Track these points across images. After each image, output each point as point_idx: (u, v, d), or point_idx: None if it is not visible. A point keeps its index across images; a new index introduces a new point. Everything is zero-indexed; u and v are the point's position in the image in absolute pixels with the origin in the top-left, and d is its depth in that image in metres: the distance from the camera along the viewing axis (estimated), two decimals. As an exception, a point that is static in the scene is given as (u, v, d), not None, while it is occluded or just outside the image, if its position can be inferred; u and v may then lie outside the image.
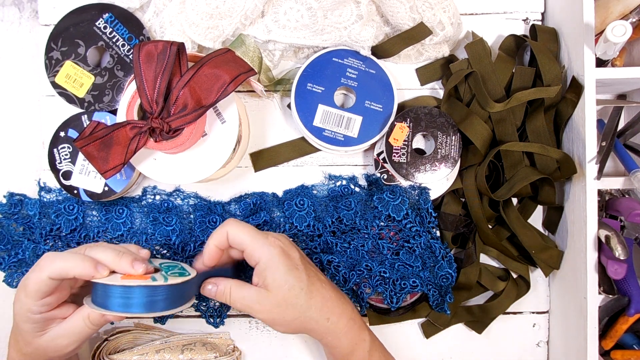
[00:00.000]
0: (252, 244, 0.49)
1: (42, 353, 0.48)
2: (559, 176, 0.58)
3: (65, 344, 0.48)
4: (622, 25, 0.50)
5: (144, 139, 0.50)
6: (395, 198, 0.59)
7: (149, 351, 0.60)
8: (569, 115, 0.57)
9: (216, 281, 0.51)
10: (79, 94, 0.58)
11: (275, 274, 0.49)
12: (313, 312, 0.50)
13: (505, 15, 0.63)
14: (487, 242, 0.61)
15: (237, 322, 0.64)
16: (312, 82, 0.59)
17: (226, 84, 0.49)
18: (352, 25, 0.58)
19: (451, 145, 0.58)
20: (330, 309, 0.50)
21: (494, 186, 0.61)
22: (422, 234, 0.59)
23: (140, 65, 0.49)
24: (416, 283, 0.59)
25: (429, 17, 0.58)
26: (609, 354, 0.59)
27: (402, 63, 0.63)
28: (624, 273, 0.54)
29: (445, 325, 0.62)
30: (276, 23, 0.57)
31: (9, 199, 0.62)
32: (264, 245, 0.49)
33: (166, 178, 0.54)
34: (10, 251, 0.61)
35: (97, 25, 0.58)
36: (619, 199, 0.59)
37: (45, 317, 0.47)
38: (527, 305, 0.64)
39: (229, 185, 0.63)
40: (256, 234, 0.50)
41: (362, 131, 0.59)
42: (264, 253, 0.49)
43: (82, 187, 0.58)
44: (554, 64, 0.57)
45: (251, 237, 0.49)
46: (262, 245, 0.49)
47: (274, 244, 0.50)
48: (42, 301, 0.46)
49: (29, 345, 0.48)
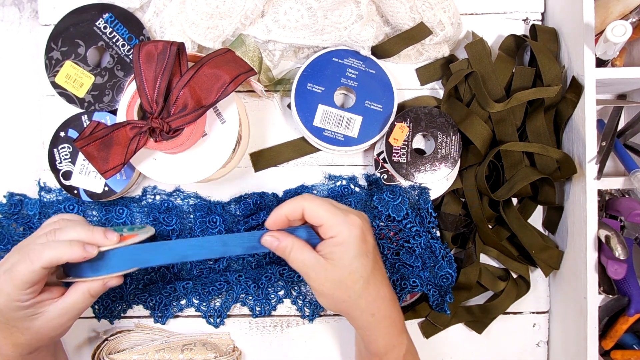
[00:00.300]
0: (331, 219, 0.48)
1: (40, 337, 0.49)
2: (559, 176, 0.58)
3: (65, 321, 0.49)
4: (622, 25, 0.50)
5: (144, 139, 0.50)
6: (395, 198, 0.59)
7: (148, 351, 0.60)
8: (569, 115, 0.57)
9: (279, 235, 0.50)
10: (79, 94, 0.58)
11: (345, 252, 0.48)
12: (362, 303, 0.49)
13: (505, 15, 0.63)
14: (487, 242, 0.61)
15: (237, 322, 0.64)
16: (312, 82, 0.59)
17: (226, 84, 0.49)
18: (352, 25, 0.58)
19: (451, 145, 0.58)
20: (379, 306, 0.50)
21: (494, 186, 0.61)
22: (422, 234, 0.59)
23: (140, 65, 0.49)
24: (416, 283, 0.59)
25: (429, 17, 0.58)
26: (609, 354, 0.59)
27: (402, 63, 0.63)
28: (624, 273, 0.54)
29: (445, 325, 0.62)
30: (276, 23, 0.57)
31: (9, 199, 0.62)
32: (344, 222, 0.48)
33: (166, 178, 0.54)
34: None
35: (97, 25, 0.58)
36: (619, 199, 0.59)
37: (35, 301, 0.48)
38: (527, 305, 0.64)
39: (229, 185, 0.63)
40: (335, 210, 0.49)
41: (362, 131, 0.59)
42: (344, 230, 0.48)
43: (82, 187, 0.58)
44: (554, 64, 0.57)
45: (331, 213, 0.48)
46: (342, 222, 0.48)
47: (355, 223, 0.48)
48: (31, 289, 0.47)
49: (26, 332, 0.48)
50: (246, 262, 0.62)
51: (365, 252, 0.48)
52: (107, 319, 0.62)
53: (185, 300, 0.62)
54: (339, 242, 0.48)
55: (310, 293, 0.63)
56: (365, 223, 0.50)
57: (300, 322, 0.64)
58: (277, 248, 0.49)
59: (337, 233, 0.48)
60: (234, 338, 0.64)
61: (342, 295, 0.49)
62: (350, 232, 0.48)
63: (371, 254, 0.49)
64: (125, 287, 0.61)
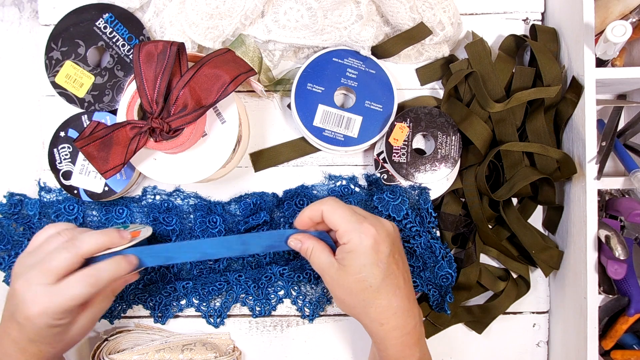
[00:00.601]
0: (343, 226, 0.49)
1: (68, 346, 0.51)
2: (559, 176, 0.58)
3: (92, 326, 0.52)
4: (622, 25, 0.50)
5: (144, 139, 0.50)
6: (395, 198, 0.59)
7: (148, 351, 0.60)
8: (569, 115, 0.57)
9: (302, 238, 0.51)
10: (79, 94, 0.58)
11: (354, 260, 0.48)
12: (371, 311, 0.49)
13: (505, 15, 0.63)
14: (487, 242, 0.61)
15: (237, 322, 0.64)
16: (312, 82, 0.59)
17: (226, 84, 0.49)
18: (352, 25, 0.58)
19: (451, 145, 0.58)
20: (389, 316, 0.50)
21: (494, 186, 0.61)
22: (422, 234, 0.59)
23: (141, 65, 0.49)
24: (417, 283, 0.59)
25: (429, 17, 0.58)
26: (609, 354, 0.59)
27: (402, 63, 0.63)
28: (624, 273, 0.54)
29: (445, 325, 0.62)
30: (276, 23, 0.57)
31: (9, 199, 0.62)
32: (355, 230, 0.49)
33: (166, 178, 0.54)
34: (10, 251, 0.61)
35: (97, 25, 0.58)
36: (619, 199, 0.59)
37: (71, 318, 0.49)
38: (527, 305, 0.64)
39: (229, 185, 0.63)
40: (351, 217, 0.49)
41: (362, 131, 0.59)
42: (354, 238, 0.48)
43: (82, 187, 0.58)
44: (554, 64, 0.57)
45: (346, 220, 0.49)
46: (354, 229, 0.49)
47: (368, 232, 0.48)
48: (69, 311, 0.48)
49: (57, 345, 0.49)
50: (246, 262, 0.62)
51: (376, 261, 0.48)
52: (107, 319, 0.62)
53: (185, 300, 0.62)
54: (349, 249, 0.49)
55: (310, 293, 0.63)
56: (381, 231, 0.49)
57: (300, 322, 0.64)
58: (301, 249, 0.52)
59: (349, 240, 0.49)
60: (234, 338, 0.64)
61: (352, 302, 0.50)
62: (361, 240, 0.48)
63: (384, 263, 0.49)
64: (126, 287, 0.61)
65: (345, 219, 0.49)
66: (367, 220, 0.50)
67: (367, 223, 0.49)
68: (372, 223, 0.49)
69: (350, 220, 0.49)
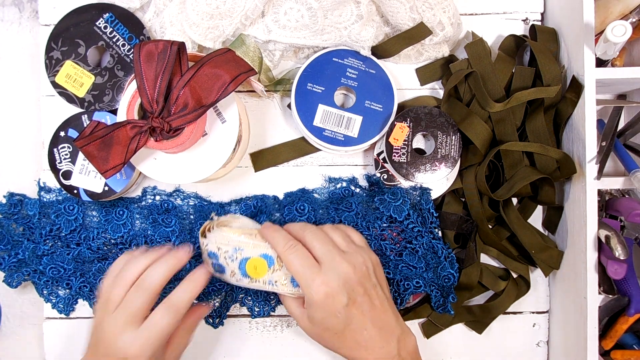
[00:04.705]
0: (300, 281, 0.50)
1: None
2: (559, 176, 0.58)
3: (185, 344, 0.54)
4: (622, 25, 0.50)
5: (144, 138, 0.50)
6: (397, 199, 0.59)
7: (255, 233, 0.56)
8: (568, 115, 0.57)
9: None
10: (79, 94, 0.58)
11: (314, 313, 0.50)
12: (344, 351, 0.51)
13: (505, 15, 0.63)
14: (487, 242, 0.61)
15: (237, 322, 0.63)
16: (312, 82, 0.59)
17: (226, 83, 0.49)
18: (352, 25, 0.58)
19: (451, 145, 0.58)
20: (361, 353, 0.51)
21: (494, 186, 0.61)
22: (424, 234, 0.59)
23: (141, 65, 0.49)
24: (419, 284, 0.59)
25: (429, 17, 0.58)
26: (609, 354, 0.59)
27: (402, 63, 0.63)
28: (624, 273, 0.54)
29: (446, 325, 0.62)
30: (276, 23, 0.57)
31: (9, 199, 0.62)
32: (307, 287, 0.50)
33: (166, 178, 0.54)
34: (10, 251, 0.61)
35: (98, 25, 0.58)
36: (619, 199, 0.59)
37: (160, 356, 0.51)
38: (527, 305, 0.64)
39: (229, 185, 0.63)
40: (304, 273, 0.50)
41: (362, 131, 0.59)
42: (307, 294, 0.50)
43: (82, 187, 0.58)
44: (553, 64, 0.57)
45: (299, 276, 0.50)
46: (306, 286, 0.50)
47: (318, 290, 0.49)
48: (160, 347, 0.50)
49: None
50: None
51: (334, 312, 0.49)
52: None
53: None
54: (308, 303, 0.51)
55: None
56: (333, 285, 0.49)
57: (300, 322, 0.64)
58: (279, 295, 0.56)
59: (305, 294, 0.50)
60: (234, 338, 0.63)
61: (325, 344, 0.53)
62: (312, 298, 0.49)
63: (342, 314, 0.49)
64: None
65: (299, 275, 0.50)
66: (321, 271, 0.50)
67: (319, 279, 0.49)
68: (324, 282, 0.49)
69: (303, 276, 0.50)
